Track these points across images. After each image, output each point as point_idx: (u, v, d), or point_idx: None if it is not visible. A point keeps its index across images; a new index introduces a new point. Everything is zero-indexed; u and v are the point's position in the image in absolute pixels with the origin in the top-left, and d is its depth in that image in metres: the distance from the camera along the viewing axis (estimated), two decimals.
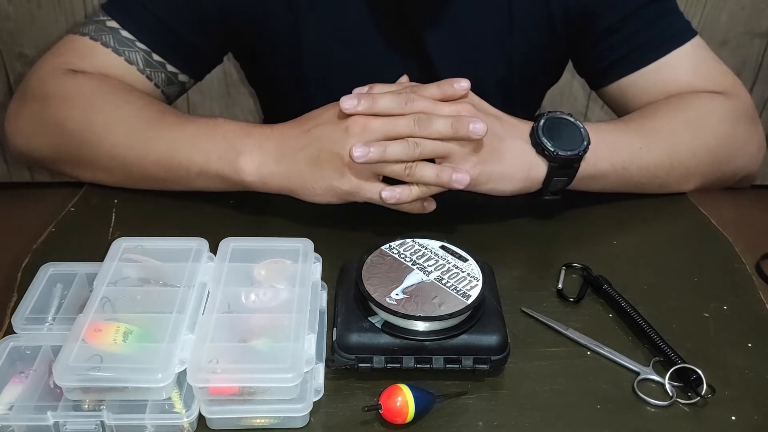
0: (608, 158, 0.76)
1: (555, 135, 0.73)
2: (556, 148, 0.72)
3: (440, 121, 0.68)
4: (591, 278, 0.70)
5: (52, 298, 0.62)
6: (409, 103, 0.69)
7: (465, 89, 0.71)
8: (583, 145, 0.73)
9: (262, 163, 0.72)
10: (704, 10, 1.84)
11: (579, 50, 0.89)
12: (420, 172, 0.69)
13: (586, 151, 0.73)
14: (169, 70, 0.84)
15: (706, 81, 0.85)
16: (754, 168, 0.87)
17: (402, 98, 0.69)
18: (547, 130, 0.73)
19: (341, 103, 0.68)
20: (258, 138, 0.73)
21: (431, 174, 0.69)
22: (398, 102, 0.69)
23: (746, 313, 0.68)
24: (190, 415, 0.54)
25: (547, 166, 0.73)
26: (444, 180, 0.69)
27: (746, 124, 0.85)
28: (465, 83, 0.71)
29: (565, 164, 0.73)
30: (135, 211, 0.78)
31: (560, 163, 0.72)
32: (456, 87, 0.71)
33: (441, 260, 0.64)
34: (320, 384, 0.57)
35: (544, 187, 0.74)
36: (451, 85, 0.71)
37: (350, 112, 0.68)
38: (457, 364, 0.59)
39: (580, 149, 0.72)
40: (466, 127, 0.67)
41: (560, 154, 0.72)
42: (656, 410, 0.58)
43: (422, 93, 0.71)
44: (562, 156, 0.72)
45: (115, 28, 0.81)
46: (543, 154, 0.73)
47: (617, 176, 0.78)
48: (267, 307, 0.60)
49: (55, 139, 0.78)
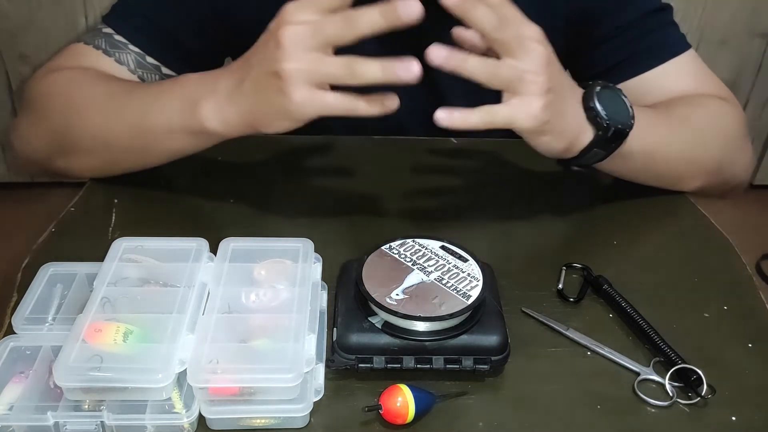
0: (639, 139, 0.74)
1: (607, 104, 0.70)
2: (611, 119, 0.69)
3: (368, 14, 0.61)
4: (591, 278, 0.70)
5: (52, 298, 0.62)
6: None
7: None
8: (631, 121, 0.71)
9: (218, 106, 0.69)
10: (704, 10, 1.84)
11: (577, 55, 0.90)
12: (363, 69, 0.62)
13: (632, 128, 0.71)
14: (164, 73, 0.84)
15: (707, 88, 0.86)
16: (746, 178, 0.89)
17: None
18: (602, 98, 0.70)
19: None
20: (211, 81, 0.70)
21: (375, 69, 0.62)
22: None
23: (746, 313, 0.68)
24: (190, 416, 0.54)
25: (594, 134, 0.70)
26: (391, 76, 0.61)
27: (744, 134, 0.87)
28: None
29: (610, 138, 0.70)
30: (135, 211, 0.78)
31: (609, 133, 0.70)
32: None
33: (441, 260, 0.64)
34: (320, 384, 0.57)
35: (581, 155, 0.71)
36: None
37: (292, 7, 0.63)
38: (457, 364, 0.59)
39: (628, 124, 0.70)
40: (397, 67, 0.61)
41: (612, 126, 0.69)
42: (656, 410, 0.58)
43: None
44: (614, 128, 0.69)
45: (109, 33, 0.82)
46: (594, 121, 0.70)
47: (642, 161, 0.76)
48: (267, 307, 0.60)
49: (44, 134, 0.80)
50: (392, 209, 0.79)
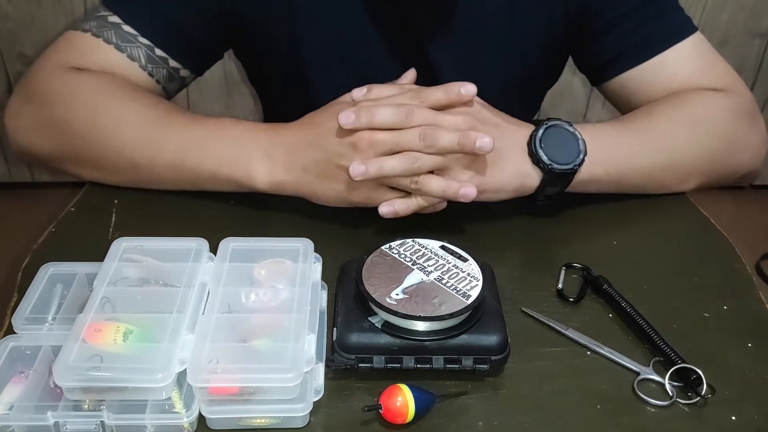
0: (603, 164, 0.76)
1: (552, 144, 0.73)
2: (551, 162, 0.72)
3: (447, 136, 0.68)
4: (591, 278, 0.70)
5: (52, 298, 0.62)
6: (409, 116, 0.69)
7: (471, 94, 0.70)
8: (579, 158, 0.73)
9: (272, 172, 0.72)
10: (704, 10, 1.84)
11: (579, 46, 0.89)
12: (427, 186, 0.69)
13: (581, 164, 0.73)
14: (171, 66, 0.83)
15: (706, 77, 0.85)
16: (757, 164, 0.87)
17: (403, 111, 0.69)
18: (545, 140, 0.73)
19: (339, 119, 0.68)
20: (266, 145, 0.73)
21: (438, 187, 0.69)
22: (398, 115, 0.69)
23: (746, 313, 0.68)
24: (190, 415, 0.54)
25: (541, 177, 0.73)
26: (450, 194, 0.69)
27: (747, 121, 0.85)
28: (471, 88, 0.70)
29: (559, 177, 0.73)
30: (135, 211, 0.78)
31: (554, 176, 0.73)
32: (462, 92, 0.70)
33: (441, 260, 0.64)
34: (320, 384, 0.57)
35: (536, 193, 0.75)
36: (458, 89, 0.70)
37: (349, 127, 0.68)
38: (457, 364, 0.59)
39: (575, 162, 0.73)
40: (473, 142, 0.67)
41: (555, 169, 0.72)
42: (656, 410, 0.58)
43: (427, 97, 0.70)
44: (557, 170, 0.72)
45: (117, 23, 0.80)
46: (538, 165, 0.73)
47: (611, 180, 0.78)
48: (267, 307, 0.60)
49: (59, 137, 0.78)
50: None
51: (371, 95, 0.72)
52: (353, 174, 0.67)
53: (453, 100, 0.71)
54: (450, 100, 0.71)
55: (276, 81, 0.95)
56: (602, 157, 0.76)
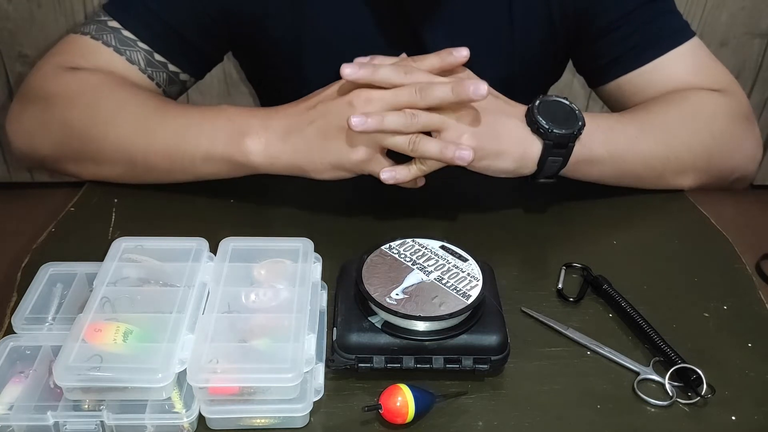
0: (604, 143, 0.76)
1: (550, 115, 0.73)
2: (551, 126, 0.72)
3: (440, 87, 0.69)
4: (591, 278, 0.70)
5: (52, 298, 0.62)
6: (408, 73, 0.70)
7: (465, 57, 0.72)
8: (577, 125, 0.73)
9: (268, 143, 0.72)
10: (704, 10, 1.84)
11: (577, 48, 0.90)
12: (424, 147, 0.69)
13: (581, 132, 0.73)
14: (170, 70, 0.84)
15: (703, 80, 0.85)
16: (751, 169, 0.87)
17: (401, 68, 0.70)
18: (543, 110, 0.73)
19: (342, 70, 0.69)
20: (263, 118, 0.73)
21: (435, 148, 0.69)
22: (398, 72, 0.70)
23: (746, 313, 0.68)
24: (190, 415, 0.54)
25: (542, 144, 0.73)
26: (447, 155, 0.69)
27: (743, 124, 0.85)
28: (464, 51, 0.71)
29: (560, 143, 0.73)
30: (135, 211, 0.78)
31: (555, 141, 0.72)
32: (455, 55, 0.72)
33: (441, 260, 0.64)
34: (320, 384, 0.57)
35: (539, 168, 0.74)
36: (450, 53, 0.72)
37: (350, 78, 0.69)
38: (457, 364, 0.59)
39: (575, 128, 0.73)
40: (468, 89, 0.67)
41: (555, 132, 0.72)
42: (656, 410, 0.58)
43: (422, 63, 0.72)
44: (556, 133, 0.72)
45: (116, 28, 0.81)
46: (538, 133, 0.73)
47: (613, 163, 0.78)
48: (267, 307, 0.60)
49: (59, 137, 0.78)
50: (392, 209, 0.79)
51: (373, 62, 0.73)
52: (354, 124, 0.67)
53: (447, 63, 0.72)
54: (443, 63, 0.72)
55: (275, 80, 0.95)
56: (603, 137, 0.76)
